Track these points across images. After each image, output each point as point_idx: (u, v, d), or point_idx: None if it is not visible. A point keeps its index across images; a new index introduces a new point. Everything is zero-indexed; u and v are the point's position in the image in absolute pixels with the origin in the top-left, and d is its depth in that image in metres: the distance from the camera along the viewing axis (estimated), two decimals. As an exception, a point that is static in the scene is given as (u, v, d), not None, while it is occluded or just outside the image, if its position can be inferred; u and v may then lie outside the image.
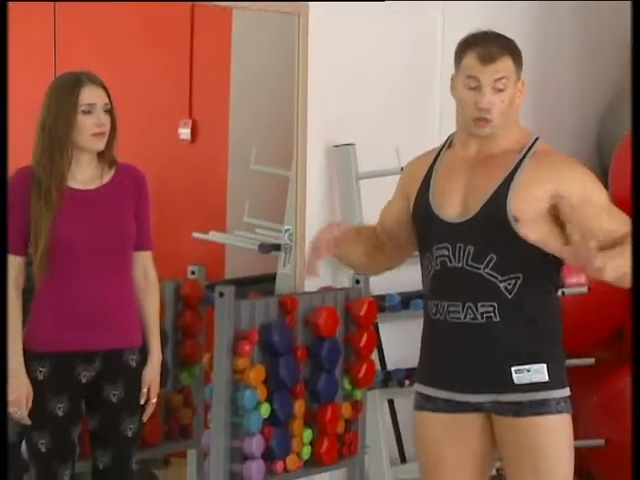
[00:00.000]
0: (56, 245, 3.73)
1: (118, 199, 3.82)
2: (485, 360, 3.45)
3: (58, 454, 3.82)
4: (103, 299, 3.79)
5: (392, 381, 5.46)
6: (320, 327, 4.83)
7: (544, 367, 3.47)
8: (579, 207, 3.49)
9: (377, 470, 5.43)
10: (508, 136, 3.57)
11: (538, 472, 3.46)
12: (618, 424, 5.87)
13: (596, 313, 6.12)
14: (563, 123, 6.83)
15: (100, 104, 3.75)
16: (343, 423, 5.01)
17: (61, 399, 3.78)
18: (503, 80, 3.50)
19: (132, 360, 3.85)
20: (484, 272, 3.46)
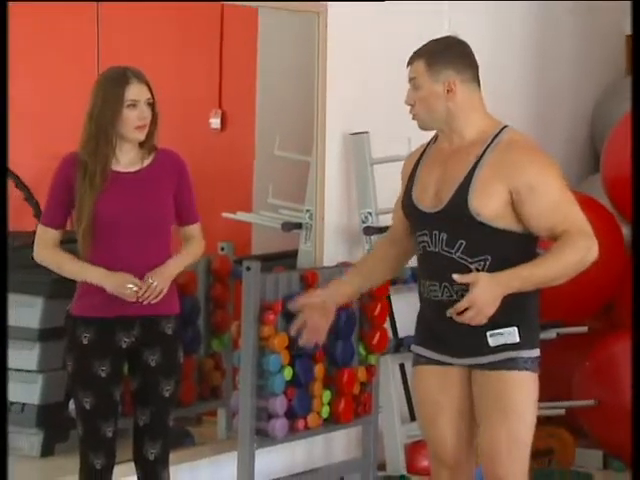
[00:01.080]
0: (99, 221, 3.74)
1: (156, 180, 3.82)
2: (464, 331, 3.52)
3: (101, 412, 3.82)
4: (141, 270, 3.76)
5: (403, 347, 5.46)
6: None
7: (515, 330, 3.56)
8: (526, 203, 3.53)
9: (389, 427, 5.46)
10: (469, 128, 3.63)
11: (499, 418, 3.59)
12: (608, 386, 5.89)
13: (589, 286, 6.11)
14: (560, 111, 6.83)
15: (143, 99, 3.75)
16: (359, 385, 5.01)
17: (104, 362, 3.79)
18: (413, 80, 3.65)
19: (169, 328, 3.84)
20: (456, 256, 3.55)
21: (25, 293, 5.29)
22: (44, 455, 5.13)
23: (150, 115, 3.77)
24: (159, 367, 3.83)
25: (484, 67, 6.39)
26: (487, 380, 3.59)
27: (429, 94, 3.62)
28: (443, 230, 3.56)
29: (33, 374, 5.23)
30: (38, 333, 5.25)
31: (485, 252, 3.53)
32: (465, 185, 3.53)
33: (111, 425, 3.83)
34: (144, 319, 3.80)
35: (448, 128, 3.63)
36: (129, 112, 3.73)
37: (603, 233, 6.22)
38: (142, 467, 3.90)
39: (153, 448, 3.86)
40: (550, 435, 5.99)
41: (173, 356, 3.86)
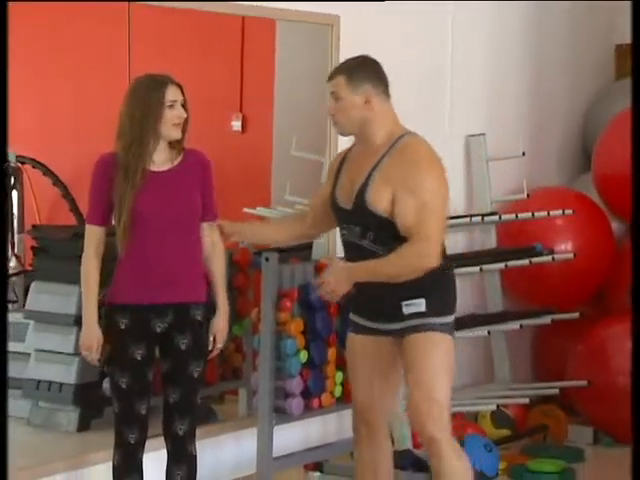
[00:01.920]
0: (135, 217, 3.77)
1: (186, 178, 3.84)
2: (383, 301, 3.85)
3: (135, 391, 3.86)
4: (173, 261, 3.80)
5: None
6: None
7: (423, 301, 3.84)
8: (398, 201, 3.77)
9: (396, 406, 5.52)
10: (377, 134, 3.88)
11: (417, 375, 3.84)
12: (599, 368, 5.91)
13: (581, 275, 6.17)
14: (554, 114, 6.83)
15: (179, 100, 3.81)
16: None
17: (139, 346, 3.83)
18: (335, 93, 3.86)
19: (198, 315, 3.87)
20: (367, 245, 3.84)
21: (63, 282, 5.31)
22: (80, 430, 5.14)
23: (183, 115, 3.83)
24: (189, 350, 3.86)
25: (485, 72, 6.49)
26: (406, 343, 3.87)
27: (349, 105, 3.86)
28: (356, 224, 3.86)
29: (70, 356, 5.24)
30: (74, 319, 5.25)
31: (391, 242, 3.78)
32: (364, 185, 3.82)
33: (144, 403, 3.87)
34: (176, 307, 3.84)
35: (363, 134, 3.88)
36: (169, 112, 3.78)
37: (593, 227, 6.35)
38: (171, 441, 3.94)
39: (182, 424, 3.89)
40: (545, 413, 6.04)
41: (201, 340, 3.90)
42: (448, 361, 3.89)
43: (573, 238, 6.17)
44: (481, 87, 6.36)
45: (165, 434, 3.96)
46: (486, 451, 5.18)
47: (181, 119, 3.81)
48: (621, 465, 5.09)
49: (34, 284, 5.49)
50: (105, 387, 4.78)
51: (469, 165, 6.29)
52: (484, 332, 5.86)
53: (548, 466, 5.40)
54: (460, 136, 6.23)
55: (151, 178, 3.80)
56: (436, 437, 3.84)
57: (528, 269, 5.98)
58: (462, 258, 5.92)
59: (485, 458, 5.17)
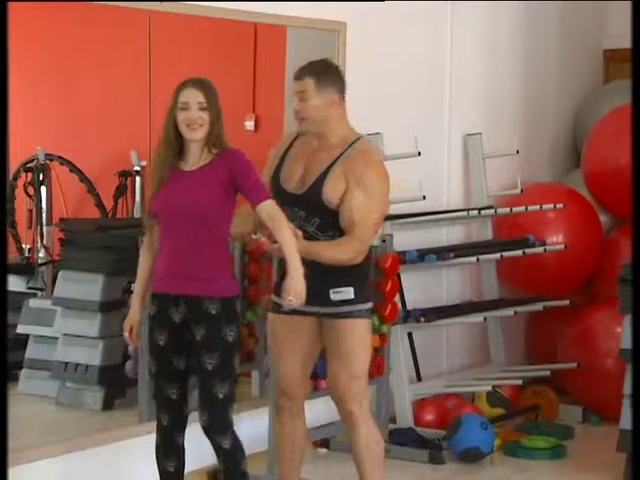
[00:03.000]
0: (154, 213, 3.71)
1: (208, 177, 3.65)
2: (313, 285, 3.75)
3: (163, 376, 3.73)
4: (187, 256, 3.65)
5: (411, 318, 5.51)
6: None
7: (351, 289, 3.93)
8: (347, 194, 3.87)
9: (399, 386, 5.49)
10: (334, 133, 3.96)
11: (341, 356, 3.93)
12: (588, 351, 5.90)
13: (571, 265, 6.16)
14: (546, 114, 6.83)
15: (194, 102, 3.63)
16: (373, 350, 4.82)
17: (162, 333, 3.71)
18: (303, 93, 3.92)
19: (212, 308, 3.64)
20: (309, 230, 3.90)
21: (89, 271, 5.32)
22: (105, 409, 5.14)
23: (201, 117, 3.63)
24: (203, 342, 3.65)
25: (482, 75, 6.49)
26: (331, 327, 3.94)
27: (316, 105, 3.92)
28: (302, 209, 3.90)
29: (95, 340, 5.25)
30: (99, 305, 5.28)
31: (332, 229, 3.89)
32: (322, 177, 3.89)
33: (174, 388, 3.71)
34: (187, 299, 3.67)
35: (322, 132, 3.94)
36: (180, 114, 3.64)
37: (583, 220, 6.34)
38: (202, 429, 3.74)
39: (202, 415, 3.68)
40: (537, 393, 6.04)
41: (216, 333, 3.65)
42: (368, 342, 4.03)
43: (564, 230, 6.16)
44: (478, 89, 6.35)
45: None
46: (482, 429, 5.18)
47: (191, 121, 3.63)
48: (608, 441, 5.10)
49: (61, 273, 5.50)
50: (127, 369, 4.82)
51: (467, 162, 6.29)
52: (480, 318, 5.86)
53: (540, 443, 5.40)
54: (458, 135, 6.22)
55: (176, 176, 3.68)
56: (354, 411, 3.94)
57: (522, 259, 5.97)
58: (460, 249, 5.93)
59: (481, 435, 5.17)
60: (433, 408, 5.66)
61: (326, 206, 3.90)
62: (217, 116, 3.69)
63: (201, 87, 3.66)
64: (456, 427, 5.21)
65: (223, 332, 3.66)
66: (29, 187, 6.19)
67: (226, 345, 3.66)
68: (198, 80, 3.69)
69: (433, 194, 5.86)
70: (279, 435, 4.11)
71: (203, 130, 3.66)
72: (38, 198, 6.18)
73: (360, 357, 3.96)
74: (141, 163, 6.18)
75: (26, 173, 6.19)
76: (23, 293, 5.89)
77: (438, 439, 5.30)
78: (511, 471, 5.16)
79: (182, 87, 3.68)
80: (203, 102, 3.65)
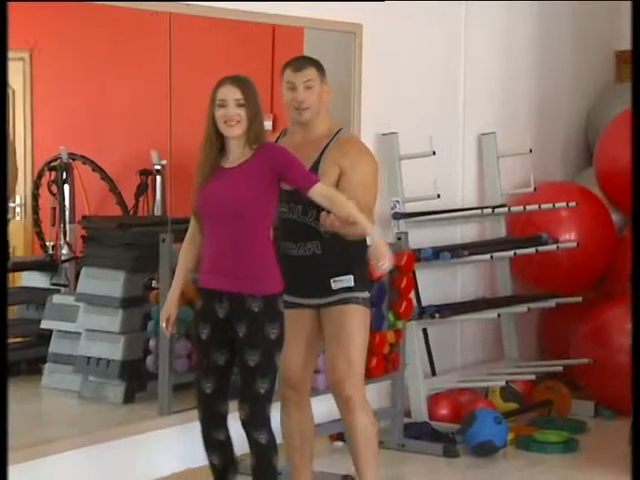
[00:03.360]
0: (199, 210, 3.69)
1: (248, 173, 3.61)
2: (315, 277, 3.92)
3: (202, 369, 3.71)
4: (229, 253, 3.62)
5: (425, 314, 5.52)
6: (371, 273, 4.84)
7: (351, 277, 3.95)
8: (343, 177, 3.89)
9: (414, 381, 5.50)
10: (320, 125, 3.97)
11: (340, 340, 3.94)
12: (601, 347, 5.89)
13: (583, 262, 6.15)
14: (559, 114, 6.81)
15: (231, 99, 3.59)
16: (388, 346, 5.04)
17: (205, 327, 3.68)
18: (309, 82, 3.94)
19: (255, 306, 3.61)
20: (308, 222, 3.92)
21: (111, 268, 5.34)
22: (126, 402, 5.14)
23: (239, 114, 3.59)
24: (245, 339, 3.62)
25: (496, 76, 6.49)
26: (330, 313, 3.95)
27: (318, 95, 3.96)
28: (299, 203, 3.89)
29: (116, 335, 5.26)
30: (120, 301, 5.30)
31: None
32: (314, 167, 3.88)
33: (209, 382, 3.68)
34: (230, 296, 3.64)
35: (312, 123, 3.95)
36: (218, 110, 3.61)
37: (595, 218, 6.33)
38: (242, 424, 3.72)
39: (242, 409, 3.65)
40: (550, 388, 6.03)
41: (257, 330, 3.61)
42: (366, 329, 4.02)
43: (576, 228, 6.15)
44: (492, 90, 6.35)
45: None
46: (496, 423, 5.18)
47: (228, 118, 3.58)
48: (619, 435, 5.10)
49: (84, 269, 5.52)
50: (148, 363, 4.84)
51: (481, 161, 6.29)
52: (494, 314, 5.86)
53: (553, 437, 5.40)
54: (473, 134, 6.22)
55: (218, 174, 3.65)
56: (351, 396, 3.94)
57: (535, 257, 5.97)
58: (474, 247, 5.93)
59: (495, 430, 5.17)
60: (447, 403, 5.66)
61: None
62: (255, 112, 3.63)
63: (238, 84, 3.62)
64: (470, 421, 5.21)
65: (266, 330, 3.62)
66: (53, 186, 6.22)
67: (268, 343, 3.62)
68: (235, 77, 3.65)
69: (448, 193, 5.87)
70: (287, 427, 4.12)
71: (241, 127, 3.61)
72: (61, 196, 6.20)
73: (358, 342, 3.97)
74: (161, 162, 6.20)
75: (50, 172, 6.21)
76: (47, 289, 5.92)
77: (452, 433, 5.30)
78: (524, 465, 5.16)
79: (220, 85, 3.64)
80: (240, 99, 3.60)
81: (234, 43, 5.98)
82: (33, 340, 5.79)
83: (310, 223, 3.92)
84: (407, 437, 5.27)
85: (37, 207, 6.28)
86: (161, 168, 6.23)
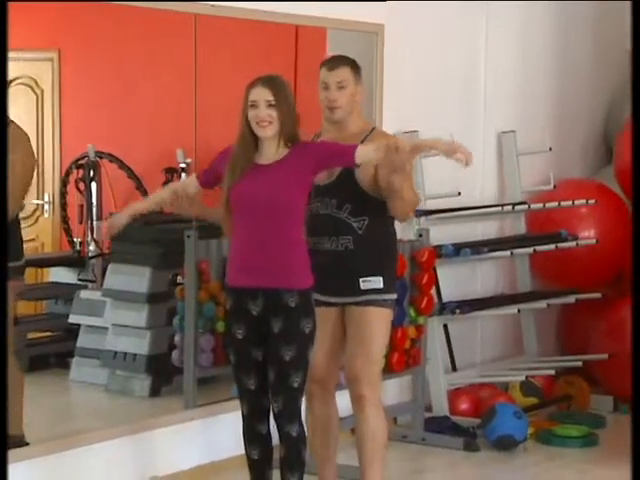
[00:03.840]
0: (231, 205, 3.65)
1: (282, 170, 3.61)
2: (344, 275, 3.92)
3: (241, 367, 3.70)
4: (264, 248, 3.59)
5: (446, 310, 5.51)
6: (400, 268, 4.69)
7: (380, 279, 3.93)
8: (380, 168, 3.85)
9: (434, 376, 5.49)
10: (354, 124, 3.97)
11: (361, 341, 3.93)
12: (619, 343, 5.85)
13: (602, 259, 6.12)
14: (579, 113, 6.78)
15: (262, 100, 3.59)
16: (409, 341, 5.02)
17: (240, 326, 3.66)
18: (341, 82, 3.95)
19: (291, 301, 3.60)
20: (342, 216, 3.91)
21: (137, 264, 5.36)
22: (152, 395, 5.17)
23: (270, 114, 3.59)
24: (281, 334, 3.61)
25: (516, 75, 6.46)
26: (355, 313, 3.94)
27: (351, 95, 3.96)
28: (333, 197, 3.91)
29: (142, 330, 5.28)
30: (146, 296, 5.31)
31: (364, 214, 3.90)
32: None
33: (252, 379, 3.68)
34: (266, 292, 3.62)
35: (346, 121, 3.95)
36: (250, 111, 3.61)
37: (614, 215, 6.30)
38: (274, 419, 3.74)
39: (276, 402, 3.64)
40: (569, 383, 6.01)
41: (293, 325, 3.61)
42: (387, 331, 4.02)
43: (596, 225, 6.13)
44: (512, 88, 6.32)
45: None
46: (516, 418, 5.17)
47: (260, 119, 3.58)
48: (639, 431, 5.06)
49: (111, 266, 5.54)
50: (174, 357, 4.85)
51: (501, 159, 6.27)
52: (514, 310, 5.84)
53: (572, 431, 5.38)
54: (493, 133, 6.20)
55: (253, 171, 3.64)
56: (365, 394, 3.93)
57: (554, 253, 5.94)
58: (494, 243, 5.91)
59: (515, 424, 5.15)
60: (468, 397, 5.65)
61: (358, 188, 3.89)
62: (287, 113, 3.63)
63: (269, 85, 3.61)
64: (490, 416, 5.19)
65: (301, 325, 3.62)
66: (80, 183, 6.24)
67: (303, 337, 3.63)
68: (267, 78, 3.65)
69: (468, 190, 5.85)
70: (313, 422, 4.11)
71: (273, 127, 3.61)
72: (89, 194, 6.22)
73: (379, 344, 3.97)
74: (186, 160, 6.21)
75: (77, 170, 6.23)
76: (74, 285, 5.94)
77: (473, 427, 5.29)
78: (544, 459, 5.15)
79: (252, 85, 3.64)
80: (271, 100, 3.59)
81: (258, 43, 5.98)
82: (61, 334, 5.82)
83: (344, 218, 3.92)
84: (428, 431, 5.27)
85: (65, 204, 6.30)
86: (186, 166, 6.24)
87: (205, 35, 4.98)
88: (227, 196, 3.65)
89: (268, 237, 3.60)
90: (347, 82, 3.95)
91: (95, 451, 4.27)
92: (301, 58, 5.79)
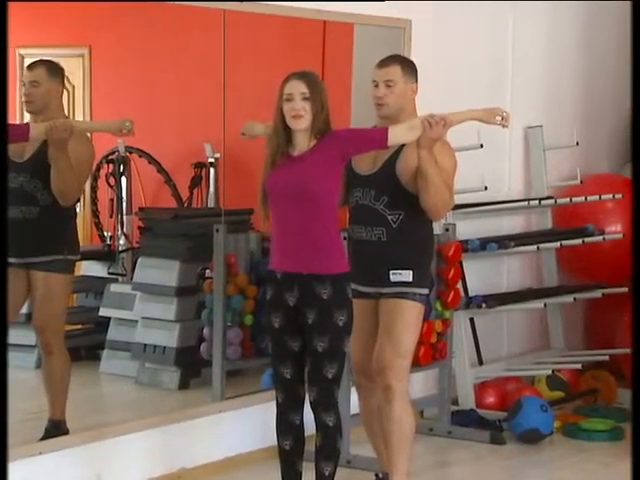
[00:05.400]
0: (267, 194, 3.69)
1: (313, 159, 3.65)
2: (376, 265, 3.97)
3: (278, 356, 3.72)
4: (297, 235, 3.63)
5: (472, 304, 5.51)
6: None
7: (410, 273, 3.96)
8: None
9: (461, 370, 5.49)
10: (405, 120, 3.93)
11: (390, 333, 3.95)
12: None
13: (629, 253, 6.08)
14: (605, 104, 6.75)
15: (297, 93, 3.64)
16: (436, 335, 5.02)
17: (277, 315, 3.70)
18: (389, 81, 4.02)
19: (324, 293, 3.62)
20: (379, 208, 3.97)
21: (166, 258, 5.37)
22: (181, 388, 5.18)
23: (304, 107, 3.63)
24: (314, 325, 3.63)
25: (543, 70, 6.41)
26: (386, 305, 3.98)
27: (400, 92, 4.01)
28: (373, 188, 3.97)
29: (172, 323, 5.30)
30: (175, 290, 5.33)
31: (400, 208, 3.94)
32: (395, 154, 3.95)
33: (287, 368, 3.69)
34: (300, 282, 3.65)
35: (395, 119, 3.95)
36: (285, 104, 3.66)
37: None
38: (311, 408, 3.74)
39: (312, 392, 3.66)
40: (596, 377, 5.98)
41: (327, 318, 3.62)
42: (417, 325, 4.03)
43: (622, 220, 6.09)
44: (539, 84, 6.29)
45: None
46: (542, 411, 5.14)
47: (295, 112, 3.63)
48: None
49: (140, 259, 5.56)
50: (202, 350, 4.86)
51: (528, 154, 6.24)
52: (541, 304, 5.82)
53: (599, 425, 5.35)
54: (520, 128, 6.16)
55: (287, 162, 3.69)
56: (392, 385, 3.92)
57: (581, 248, 5.92)
58: (521, 238, 5.89)
59: (541, 417, 5.14)
60: (494, 391, 5.63)
61: (398, 182, 3.93)
62: (320, 107, 3.67)
63: (304, 79, 3.68)
64: (517, 409, 5.17)
65: (334, 317, 3.63)
66: (110, 178, 6.25)
67: (336, 329, 3.63)
68: (302, 73, 3.71)
69: (495, 185, 5.83)
70: (365, 413, 4.14)
71: (306, 120, 3.66)
72: (119, 188, 6.24)
73: (408, 337, 3.98)
74: (215, 155, 6.21)
75: (108, 164, 6.25)
76: (105, 278, 5.96)
77: (499, 420, 5.27)
78: (569, 452, 5.12)
79: (287, 80, 3.70)
80: (306, 92, 3.65)
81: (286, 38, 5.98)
82: (92, 327, 5.84)
83: (380, 209, 3.96)
84: (454, 424, 5.26)
85: (95, 199, 6.32)
86: (215, 161, 6.25)
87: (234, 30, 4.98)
88: (263, 187, 3.72)
89: (301, 225, 3.64)
90: (396, 80, 4.01)
91: (124, 442, 4.28)
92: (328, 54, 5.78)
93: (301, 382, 3.72)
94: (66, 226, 4.30)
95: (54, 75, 4.33)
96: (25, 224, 4.20)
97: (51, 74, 4.31)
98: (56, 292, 4.22)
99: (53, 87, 4.30)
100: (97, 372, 5.46)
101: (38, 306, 4.24)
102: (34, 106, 4.28)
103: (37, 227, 4.21)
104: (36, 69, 4.32)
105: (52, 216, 4.21)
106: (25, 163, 4.23)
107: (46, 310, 4.22)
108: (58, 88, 4.34)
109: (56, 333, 4.24)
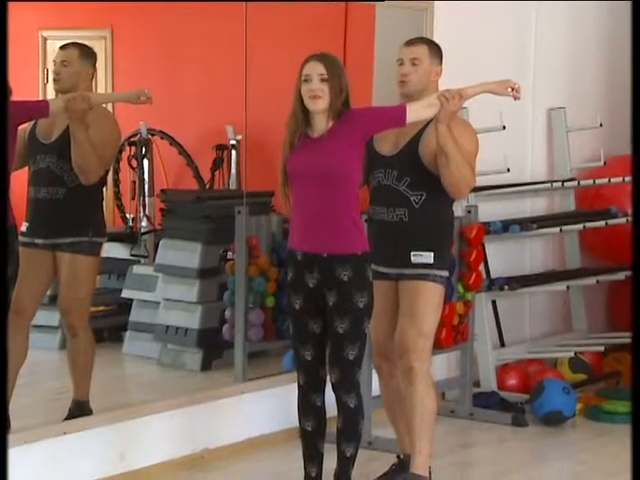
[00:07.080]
0: (288, 176, 3.69)
1: (332, 140, 3.64)
2: (397, 246, 3.97)
3: (298, 338, 3.72)
4: (318, 216, 3.63)
5: (494, 286, 5.50)
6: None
7: (431, 254, 3.96)
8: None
9: (483, 352, 5.48)
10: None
11: (412, 315, 3.95)
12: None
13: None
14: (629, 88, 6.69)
15: (315, 74, 3.63)
16: (458, 317, 5.01)
17: (298, 297, 3.70)
18: (415, 59, 4.02)
19: (344, 275, 3.61)
20: (401, 189, 3.96)
21: (188, 240, 5.40)
22: (203, 369, 5.22)
23: (322, 89, 3.62)
24: (335, 308, 3.63)
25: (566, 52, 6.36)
26: (407, 286, 3.98)
27: (424, 73, 4.01)
28: (395, 168, 3.98)
29: (194, 304, 5.33)
30: (197, 272, 5.35)
31: (422, 189, 3.93)
32: (419, 134, 3.95)
33: (308, 349, 3.69)
34: (320, 263, 3.64)
35: (417, 97, 3.93)
36: (304, 86, 3.65)
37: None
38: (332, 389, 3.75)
39: (333, 373, 3.66)
40: (618, 360, 5.96)
41: (347, 300, 3.62)
42: (439, 307, 4.03)
43: (646, 202, 6.05)
44: (562, 65, 6.26)
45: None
46: (564, 393, 5.14)
47: (312, 92, 3.61)
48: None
49: (162, 241, 5.58)
50: (224, 332, 4.88)
51: (550, 136, 6.21)
52: (563, 287, 5.81)
53: (621, 407, 5.33)
54: (542, 109, 6.14)
55: (305, 144, 3.68)
56: (414, 366, 3.92)
57: (604, 230, 5.90)
58: (543, 220, 5.87)
59: (563, 400, 5.13)
60: (516, 373, 5.63)
61: (420, 162, 3.94)
62: (339, 89, 3.65)
63: (323, 60, 3.67)
64: (539, 391, 5.17)
65: (354, 298, 3.62)
66: (133, 160, 6.29)
67: (356, 311, 3.63)
68: (321, 54, 3.70)
69: (517, 167, 5.81)
70: (386, 396, 4.15)
71: (324, 101, 3.64)
72: (141, 170, 6.27)
73: (429, 318, 3.98)
74: (237, 137, 6.23)
75: (130, 147, 6.28)
76: (127, 260, 6.00)
77: (521, 403, 5.27)
78: (592, 434, 5.11)
79: (306, 61, 3.69)
80: (324, 74, 3.64)
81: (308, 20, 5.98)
82: (114, 309, 5.88)
83: (402, 190, 3.96)
84: (476, 406, 5.25)
85: (118, 181, 6.36)
86: (236, 143, 6.27)
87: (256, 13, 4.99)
88: (283, 168, 3.72)
89: (322, 206, 3.64)
90: (421, 59, 4.01)
91: (147, 423, 4.31)
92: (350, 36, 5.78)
93: (322, 364, 3.73)
94: (92, 208, 4.32)
95: (86, 58, 4.35)
96: (51, 205, 4.23)
97: (83, 56, 4.34)
98: (82, 274, 4.25)
99: (83, 69, 4.32)
100: (120, 353, 5.50)
101: (64, 288, 4.27)
102: (61, 84, 4.30)
103: (63, 208, 4.23)
104: (68, 49, 4.35)
105: (78, 197, 4.23)
106: (52, 144, 4.25)
107: (71, 292, 4.24)
108: (88, 71, 4.36)
109: (81, 315, 4.27)
